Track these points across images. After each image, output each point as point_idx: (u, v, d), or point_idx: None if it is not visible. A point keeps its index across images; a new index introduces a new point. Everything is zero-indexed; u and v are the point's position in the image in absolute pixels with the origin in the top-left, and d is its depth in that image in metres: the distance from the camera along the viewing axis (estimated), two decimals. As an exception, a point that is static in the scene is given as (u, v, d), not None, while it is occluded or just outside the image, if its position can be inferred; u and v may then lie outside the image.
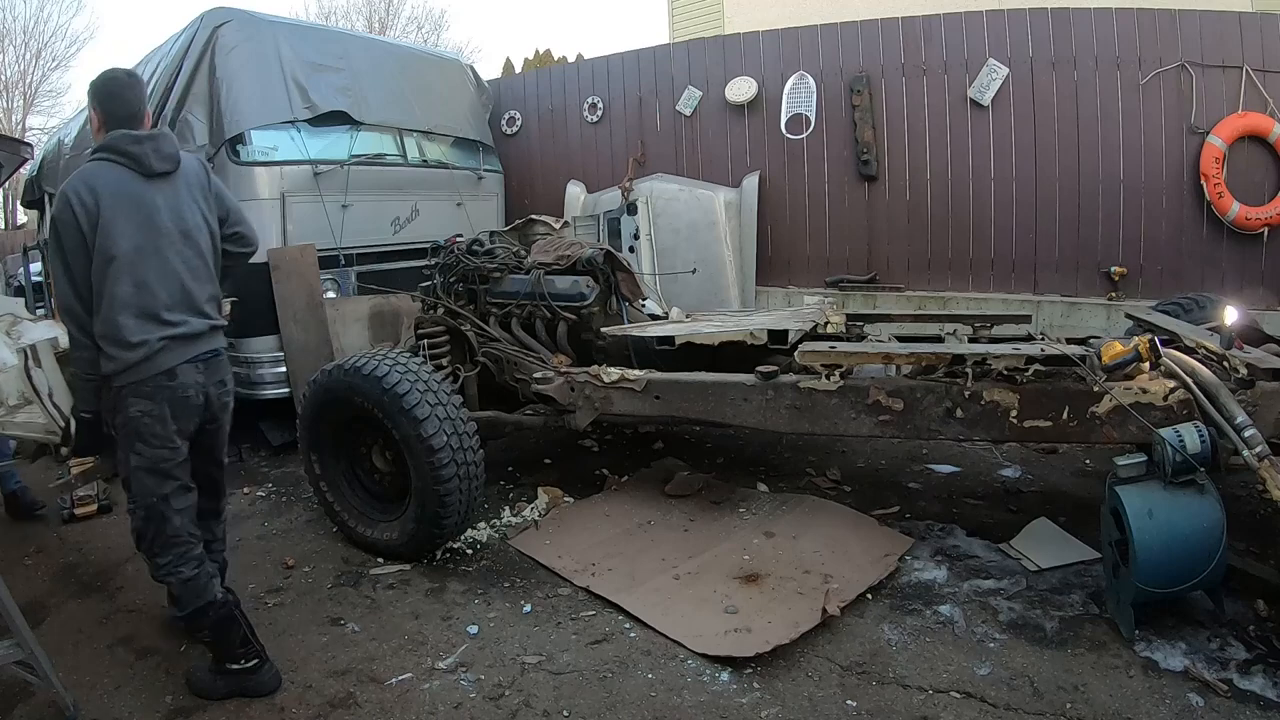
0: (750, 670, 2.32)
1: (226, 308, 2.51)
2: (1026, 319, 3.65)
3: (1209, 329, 3.06)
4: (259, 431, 4.89)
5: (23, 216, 15.22)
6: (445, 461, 2.88)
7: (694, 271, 5.78)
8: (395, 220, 5.37)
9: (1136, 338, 2.68)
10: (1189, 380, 2.55)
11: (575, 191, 6.48)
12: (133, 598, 2.98)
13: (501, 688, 2.30)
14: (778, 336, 3.76)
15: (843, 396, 2.87)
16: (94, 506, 3.85)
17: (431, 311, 3.82)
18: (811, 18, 6.29)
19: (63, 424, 2.74)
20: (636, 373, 3.27)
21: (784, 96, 5.89)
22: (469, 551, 3.20)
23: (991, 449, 4.02)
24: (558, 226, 5.33)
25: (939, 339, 3.24)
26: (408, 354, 3.22)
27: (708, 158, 6.38)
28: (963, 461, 3.97)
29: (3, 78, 20.70)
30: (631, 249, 6.01)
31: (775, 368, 3.04)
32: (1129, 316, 3.64)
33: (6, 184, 12.18)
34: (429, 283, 4.06)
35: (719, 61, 6.27)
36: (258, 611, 2.81)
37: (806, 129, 5.87)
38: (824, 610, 2.52)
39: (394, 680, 2.36)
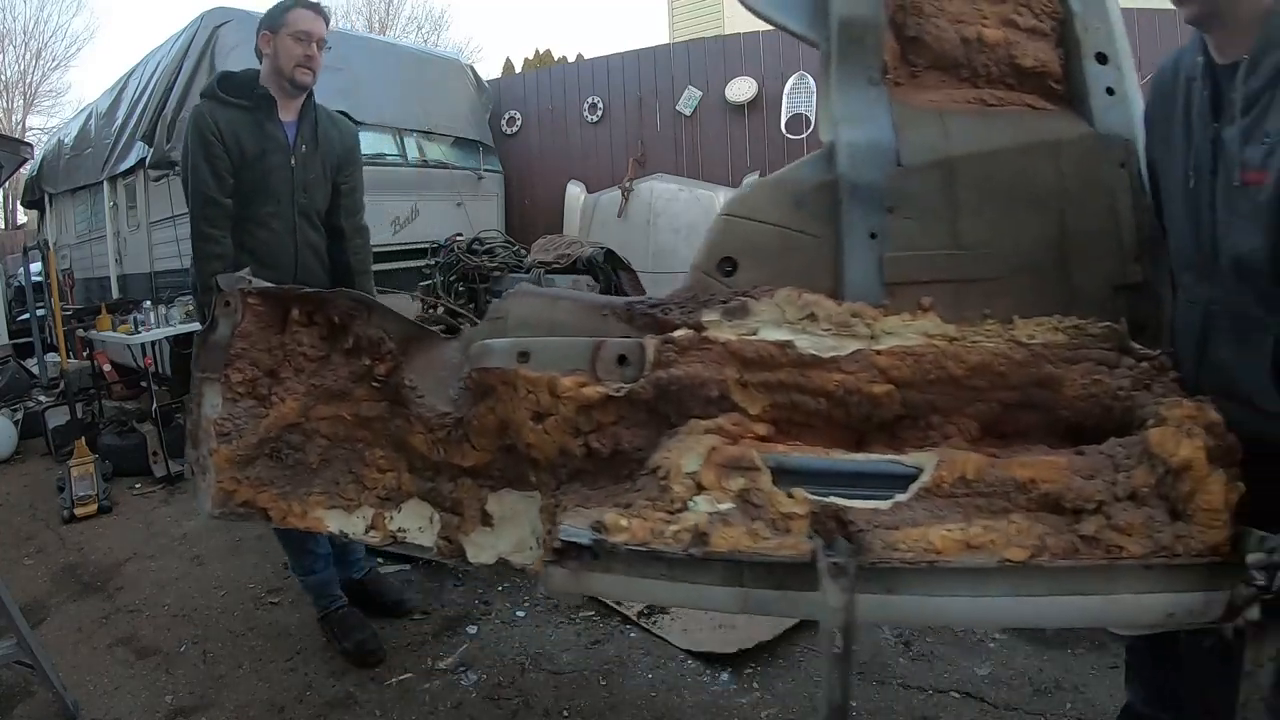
0: (750, 670, 2.32)
1: None
2: None
3: None
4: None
5: (23, 216, 15.19)
6: (445, 461, 2.88)
7: (694, 271, 5.78)
8: (395, 220, 5.37)
9: None
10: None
11: (575, 192, 6.46)
12: (133, 598, 2.98)
13: (501, 688, 2.30)
14: None
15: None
16: (94, 506, 3.85)
17: (431, 311, 3.82)
18: (812, 18, 6.28)
19: None
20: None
21: (784, 96, 5.87)
22: (469, 551, 3.20)
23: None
24: None
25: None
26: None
27: (708, 158, 6.37)
28: (963, 461, 3.96)
29: (3, 78, 20.70)
30: None
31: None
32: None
33: (6, 184, 12.19)
34: (429, 282, 4.07)
35: (719, 61, 6.26)
36: (258, 612, 2.82)
37: (807, 129, 5.85)
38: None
39: (394, 680, 2.36)
